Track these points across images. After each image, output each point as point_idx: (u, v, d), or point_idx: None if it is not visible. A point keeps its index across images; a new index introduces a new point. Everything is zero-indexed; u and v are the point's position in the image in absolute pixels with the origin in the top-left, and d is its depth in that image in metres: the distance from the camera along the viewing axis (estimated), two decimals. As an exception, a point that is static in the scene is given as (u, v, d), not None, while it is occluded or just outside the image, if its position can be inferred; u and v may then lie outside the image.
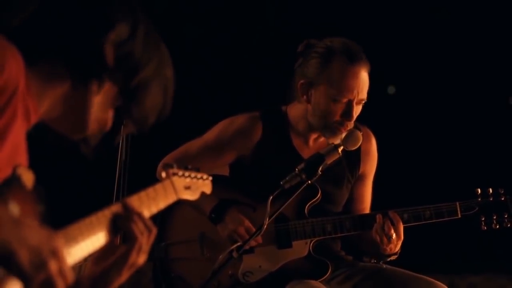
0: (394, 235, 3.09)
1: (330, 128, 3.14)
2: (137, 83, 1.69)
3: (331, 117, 3.11)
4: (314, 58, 3.14)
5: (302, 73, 3.18)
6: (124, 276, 1.76)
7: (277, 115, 3.30)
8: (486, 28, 5.13)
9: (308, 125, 3.22)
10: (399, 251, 3.16)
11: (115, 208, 1.72)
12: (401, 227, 3.11)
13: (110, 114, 1.73)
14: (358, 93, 3.10)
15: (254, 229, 3.10)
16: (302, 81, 3.16)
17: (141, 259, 1.76)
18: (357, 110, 3.13)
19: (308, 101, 3.17)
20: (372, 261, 3.25)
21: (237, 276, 3.19)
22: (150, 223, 1.77)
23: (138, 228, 1.73)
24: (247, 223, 3.14)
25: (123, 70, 1.67)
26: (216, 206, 3.16)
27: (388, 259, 3.20)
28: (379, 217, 3.12)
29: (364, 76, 3.12)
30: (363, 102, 3.14)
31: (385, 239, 3.09)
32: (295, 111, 3.26)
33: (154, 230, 1.77)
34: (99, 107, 1.68)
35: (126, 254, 1.74)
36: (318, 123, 3.18)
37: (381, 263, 3.22)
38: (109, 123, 1.74)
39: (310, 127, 3.22)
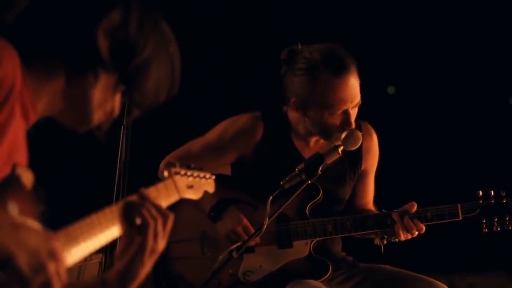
0: (416, 233, 3.13)
1: (331, 135, 3.12)
2: (135, 67, 1.68)
3: (331, 127, 3.10)
4: (299, 76, 3.11)
5: (292, 90, 3.15)
6: (148, 264, 1.78)
7: (278, 115, 3.30)
8: (486, 28, 5.13)
9: (306, 129, 3.22)
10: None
11: (130, 198, 1.74)
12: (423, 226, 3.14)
13: (116, 101, 1.72)
14: (351, 100, 3.08)
15: (252, 229, 3.10)
16: (294, 100, 3.15)
17: (160, 244, 1.79)
18: (353, 113, 3.12)
19: (304, 115, 3.16)
20: (385, 241, 3.23)
21: (237, 275, 3.19)
22: (164, 209, 1.78)
23: (150, 214, 1.75)
24: (246, 222, 3.14)
25: (118, 57, 1.65)
26: (215, 205, 3.16)
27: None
28: (395, 216, 3.13)
29: (353, 83, 3.08)
30: (359, 104, 3.13)
31: (408, 235, 3.13)
32: (292, 115, 3.26)
33: (171, 216, 1.78)
34: (100, 96, 1.67)
35: (144, 242, 1.75)
36: (318, 133, 3.18)
37: (394, 238, 3.20)
38: (117, 109, 1.73)
39: (308, 132, 3.22)
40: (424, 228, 3.13)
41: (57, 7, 1.62)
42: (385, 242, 3.20)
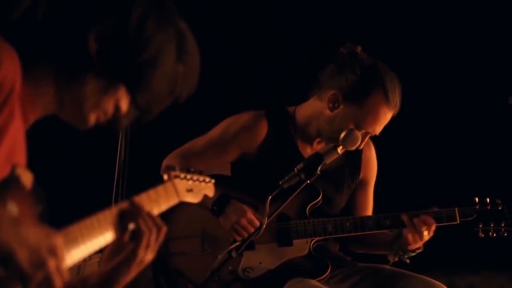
0: (425, 233, 3.11)
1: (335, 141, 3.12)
2: (137, 67, 1.66)
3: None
4: (355, 75, 3.12)
5: (337, 83, 3.15)
6: (133, 273, 1.77)
7: (282, 114, 3.30)
8: (484, 28, 5.12)
9: (317, 128, 3.22)
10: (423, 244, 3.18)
11: (123, 205, 1.73)
12: (434, 227, 3.13)
13: (122, 100, 1.69)
14: (378, 130, 3.15)
15: (256, 221, 3.10)
16: (334, 92, 3.15)
17: (149, 256, 1.78)
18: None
19: (331, 109, 3.16)
20: (396, 258, 3.23)
21: (237, 272, 3.19)
22: (159, 220, 1.78)
23: (146, 224, 1.74)
24: (250, 214, 3.13)
25: (111, 59, 1.63)
26: (218, 199, 3.15)
27: (414, 254, 3.19)
28: (405, 218, 3.13)
29: (390, 117, 3.16)
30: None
31: (417, 237, 3.11)
32: (307, 110, 3.26)
33: (164, 228, 1.78)
34: (94, 98, 1.65)
35: (134, 251, 1.75)
36: (328, 133, 3.18)
37: (405, 257, 3.20)
38: (124, 108, 1.69)
39: (318, 131, 3.22)
40: (434, 225, 3.12)
41: (51, 10, 1.62)
42: (396, 259, 3.20)
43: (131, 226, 1.73)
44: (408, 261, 3.19)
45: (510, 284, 4.86)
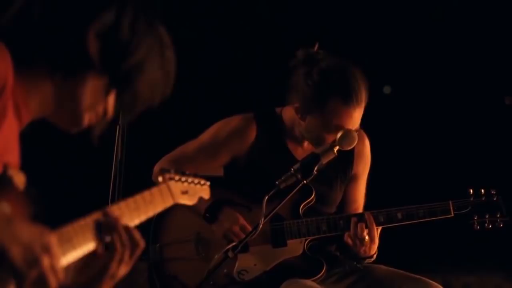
0: (367, 238, 3.09)
1: (321, 145, 3.10)
2: (126, 69, 1.66)
3: (323, 140, 3.09)
4: (310, 87, 3.08)
5: (298, 94, 3.14)
6: (106, 286, 1.71)
7: (271, 116, 3.30)
8: (481, 28, 5.14)
9: (300, 133, 3.22)
10: (375, 254, 3.16)
11: (97, 216, 1.67)
12: (375, 230, 3.10)
13: (110, 102, 1.69)
14: (351, 128, 3.06)
15: (249, 227, 3.11)
16: (297, 105, 3.14)
17: (122, 270, 1.71)
18: None
19: (302, 120, 3.16)
20: (353, 263, 3.23)
21: (232, 275, 3.19)
22: (137, 236, 1.71)
23: (121, 239, 1.68)
24: (242, 221, 3.14)
25: (109, 59, 1.63)
26: (210, 206, 3.15)
27: (365, 262, 3.19)
28: (353, 219, 3.12)
29: (358, 114, 3.08)
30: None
31: (357, 242, 3.09)
32: (290, 114, 3.25)
33: (141, 244, 1.72)
34: (91, 98, 1.65)
35: (106, 265, 1.69)
36: (310, 140, 3.20)
37: (358, 265, 3.21)
38: (110, 111, 1.70)
39: (302, 135, 3.22)
40: (374, 228, 3.09)
41: (48, 9, 1.61)
42: (347, 268, 3.20)
43: (107, 239, 1.67)
44: (361, 267, 3.18)
45: (506, 284, 4.86)
